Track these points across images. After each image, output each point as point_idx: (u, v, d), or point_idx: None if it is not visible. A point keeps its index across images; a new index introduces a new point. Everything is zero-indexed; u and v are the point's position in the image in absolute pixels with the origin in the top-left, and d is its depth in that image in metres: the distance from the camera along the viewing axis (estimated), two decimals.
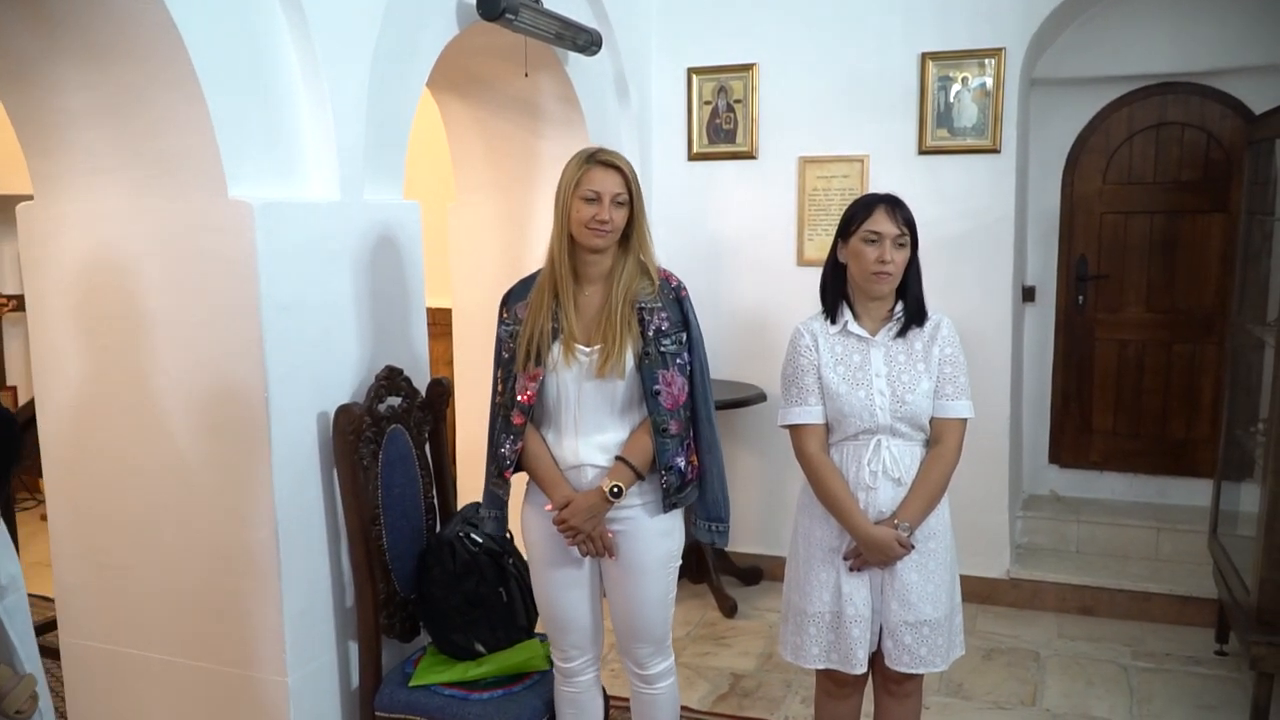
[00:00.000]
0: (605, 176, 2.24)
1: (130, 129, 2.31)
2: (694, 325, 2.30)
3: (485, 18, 3.00)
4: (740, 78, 4.27)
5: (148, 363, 2.42)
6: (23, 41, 2.26)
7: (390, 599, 2.58)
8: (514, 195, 4.15)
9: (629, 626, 2.37)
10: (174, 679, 2.52)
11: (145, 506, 2.47)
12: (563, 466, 2.28)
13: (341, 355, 2.59)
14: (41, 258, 2.51)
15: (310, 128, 2.50)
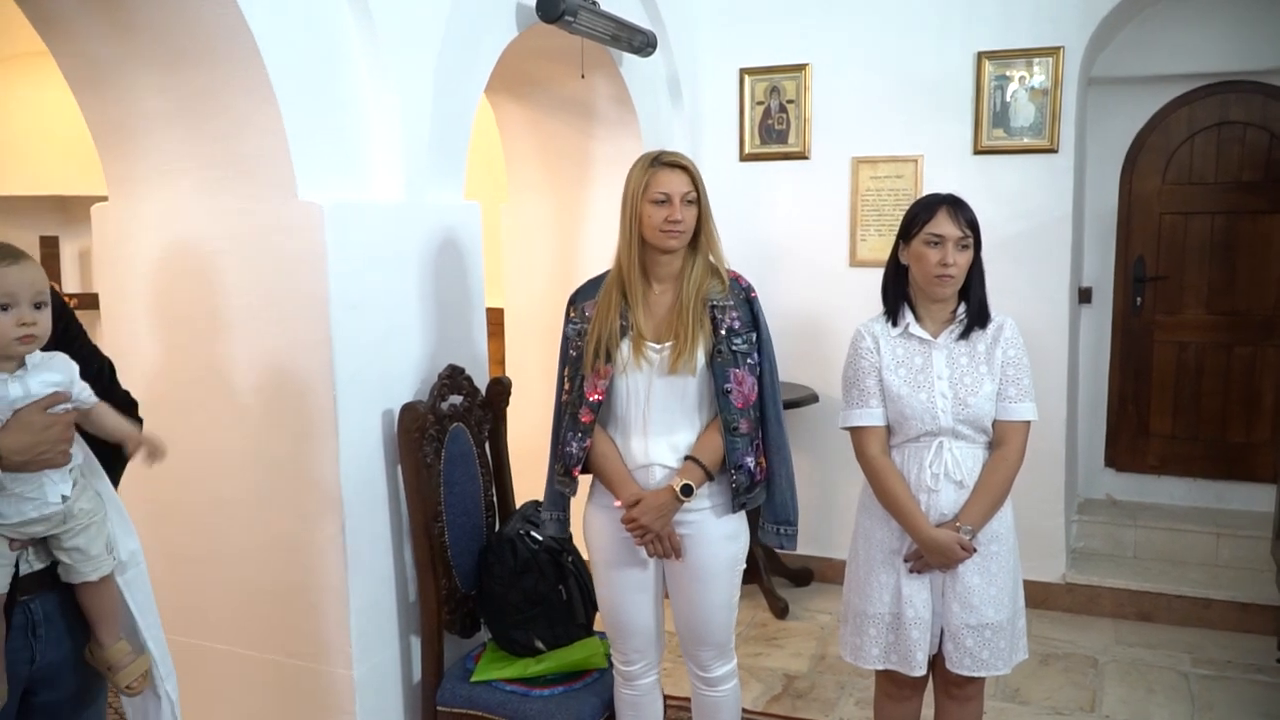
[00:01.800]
0: (673, 177, 2.25)
1: (204, 131, 2.36)
2: (764, 326, 2.30)
3: (545, 20, 3.03)
4: (793, 78, 4.26)
5: (218, 360, 2.47)
6: (101, 47, 2.32)
7: (451, 595, 2.61)
8: (566, 196, 4.19)
9: (692, 630, 2.37)
10: (242, 670, 2.57)
11: (216, 501, 2.53)
12: (631, 466, 2.28)
13: (405, 354, 2.63)
14: (116, 257, 2.57)
15: (377, 130, 2.54)
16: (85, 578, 1.67)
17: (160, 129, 2.40)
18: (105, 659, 1.73)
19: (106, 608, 1.72)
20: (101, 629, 1.72)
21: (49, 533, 1.62)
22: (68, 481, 1.64)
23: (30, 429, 1.55)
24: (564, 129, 4.04)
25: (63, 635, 1.71)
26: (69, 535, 1.64)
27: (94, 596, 1.70)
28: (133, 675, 1.74)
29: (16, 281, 1.54)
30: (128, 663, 1.74)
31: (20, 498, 1.57)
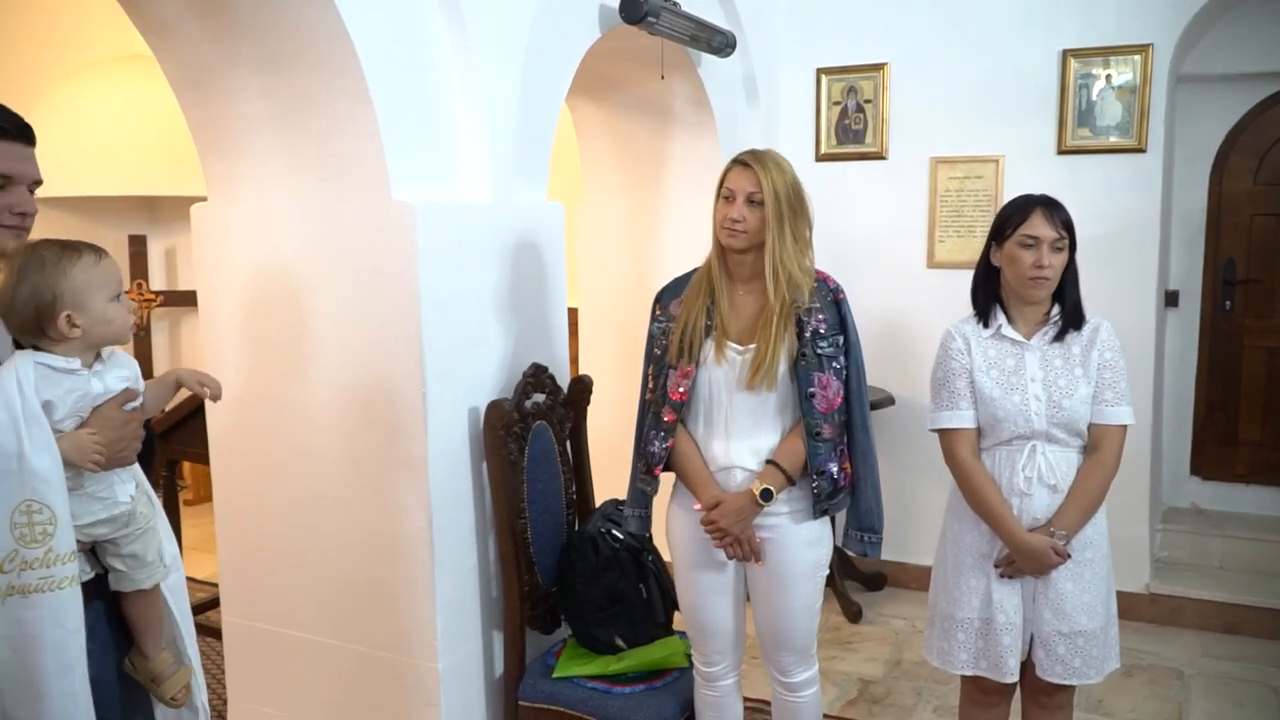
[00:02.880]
0: (740, 175, 2.24)
1: (301, 133, 2.42)
2: (852, 329, 2.27)
3: (628, 21, 3.04)
4: (870, 78, 4.22)
5: (312, 357, 2.53)
6: (204, 51, 2.39)
7: (534, 591, 2.64)
8: (641, 197, 4.20)
9: (773, 635, 2.36)
10: (328, 660, 2.62)
11: (306, 495, 2.59)
12: (712, 467, 2.28)
13: (491, 352, 2.66)
14: (214, 255, 2.65)
15: (466, 131, 2.58)
16: (138, 585, 1.65)
17: (259, 130, 2.46)
18: (149, 670, 1.71)
19: (154, 617, 1.70)
20: (147, 639, 1.70)
21: (111, 535, 1.61)
22: (131, 482, 1.64)
23: (111, 425, 1.56)
24: (640, 130, 4.05)
25: (108, 647, 1.67)
26: (127, 540, 1.63)
27: (142, 605, 1.68)
28: (177, 686, 1.72)
29: (116, 271, 1.58)
30: (171, 674, 1.72)
31: (91, 497, 1.57)
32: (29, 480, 1.42)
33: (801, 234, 2.24)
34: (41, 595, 1.44)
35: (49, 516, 1.44)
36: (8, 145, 1.57)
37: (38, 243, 1.54)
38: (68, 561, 1.46)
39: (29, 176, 1.61)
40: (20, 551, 1.43)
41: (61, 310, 1.50)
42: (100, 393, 1.56)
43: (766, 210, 2.20)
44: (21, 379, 1.46)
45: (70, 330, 1.51)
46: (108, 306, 1.54)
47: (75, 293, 1.51)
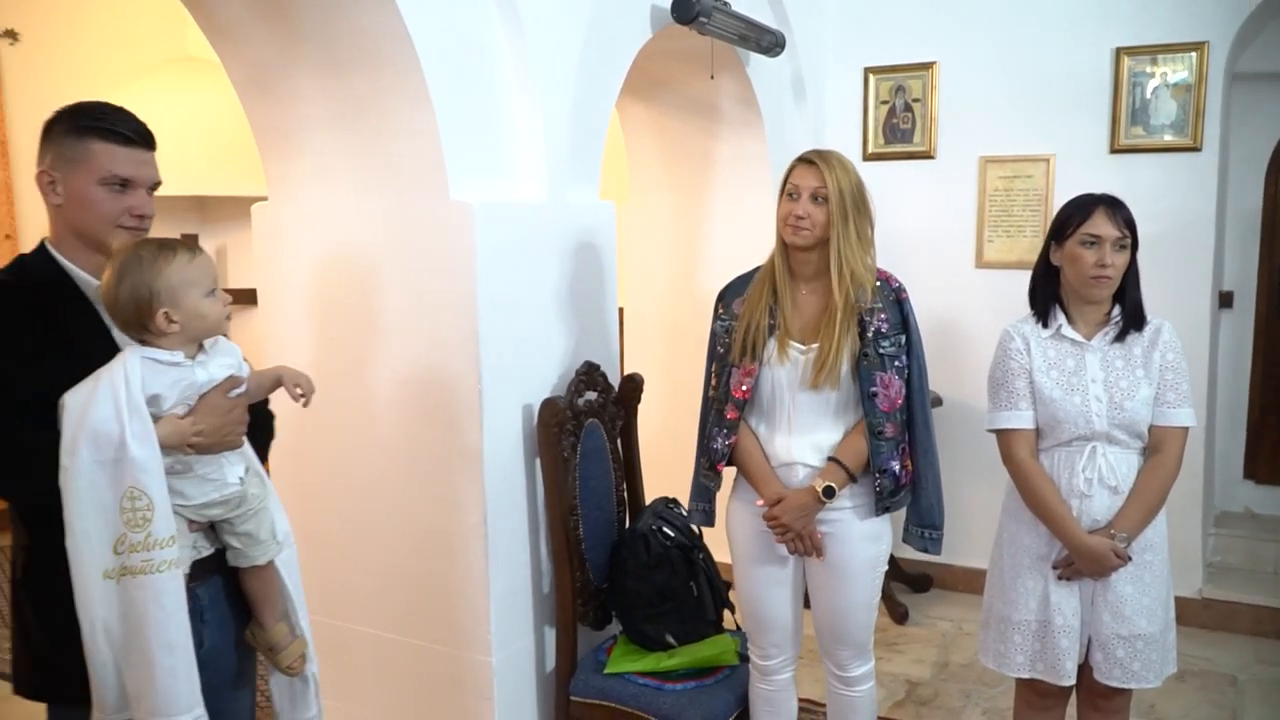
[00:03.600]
0: (804, 173, 2.25)
1: (361, 134, 2.46)
2: (914, 329, 2.28)
3: (680, 21, 3.06)
4: (919, 76, 4.20)
5: (369, 353, 2.56)
6: (267, 53, 2.43)
7: (585, 587, 2.65)
8: (688, 196, 4.21)
9: (831, 629, 2.37)
10: (386, 653, 2.66)
11: (363, 489, 2.62)
12: (774, 463, 2.29)
13: (544, 350, 2.68)
14: (274, 254, 2.69)
15: (521, 131, 2.60)
16: (253, 562, 1.73)
17: (320, 132, 2.50)
18: (267, 640, 1.79)
19: (270, 591, 1.78)
20: (264, 611, 1.78)
21: (225, 516, 1.69)
22: (241, 464, 1.71)
23: (216, 412, 1.63)
24: (688, 130, 4.06)
25: (226, 619, 1.78)
26: (241, 519, 1.70)
27: (258, 580, 1.77)
28: (293, 656, 1.80)
29: (212, 265, 1.64)
30: (287, 644, 1.80)
31: (203, 479, 1.64)
32: (130, 469, 1.50)
33: (865, 232, 2.26)
34: (145, 577, 1.52)
35: (147, 503, 1.51)
36: (129, 150, 1.66)
37: (138, 242, 1.61)
38: (166, 546, 1.53)
39: (149, 180, 1.70)
40: (128, 535, 1.51)
41: (159, 307, 1.57)
42: (205, 381, 1.63)
43: (831, 208, 2.21)
44: (129, 373, 1.53)
45: (168, 325, 1.58)
46: (202, 302, 1.60)
47: (171, 290, 1.57)
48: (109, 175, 1.65)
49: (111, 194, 1.66)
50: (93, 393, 1.52)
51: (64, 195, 1.66)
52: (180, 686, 1.55)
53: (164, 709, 1.54)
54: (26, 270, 1.69)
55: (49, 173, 1.67)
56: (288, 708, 1.87)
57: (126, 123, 1.68)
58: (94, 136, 1.65)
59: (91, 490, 1.50)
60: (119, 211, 1.67)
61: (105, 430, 1.49)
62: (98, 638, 1.54)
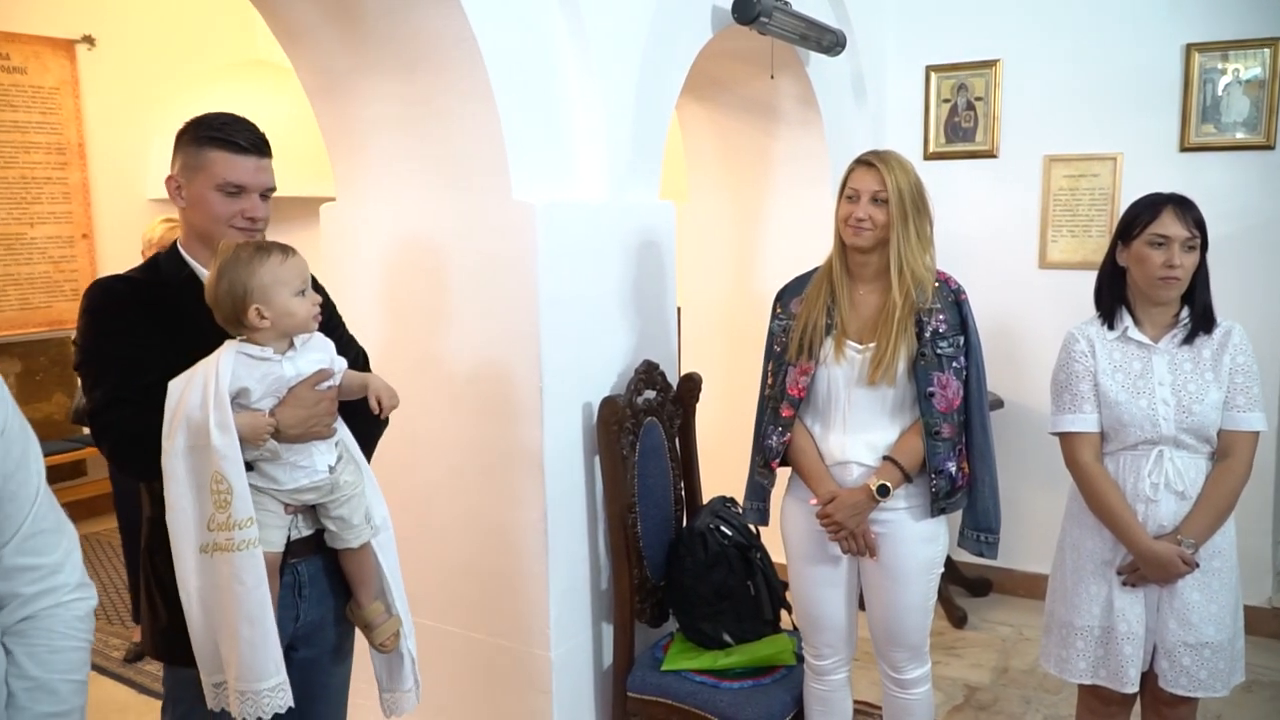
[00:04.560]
0: (864, 175, 2.25)
1: (427, 135, 2.50)
2: (973, 330, 2.26)
3: (740, 21, 3.06)
4: (981, 74, 4.15)
5: (434, 351, 2.61)
6: (338, 58, 2.49)
7: (643, 584, 2.68)
8: (746, 196, 4.21)
9: (886, 630, 2.37)
10: (446, 645, 2.71)
11: (428, 484, 2.67)
12: (828, 462, 2.30)
13: (603, 349, 2.71)
14: (342, 253, 2.75)
15: (583, 132, 2.63)
16: (347, 544, 1.83)
17: (386, 133, 2.56)
18: (364, 618, 1.90)
19: (365, 572, 1.88)
20: (360, 590, 1.88)
21: (318, 501, 1.78)
22: (333, 453, 1.80)
23: (303, 403, 1.72)
24: (747, 129, 4.07)
25: (325, 595, 1.89)
26: (334, 505, 1.79)
27: (354, 561, 1.86)
28: (387, 633, 1.89)
29: (304, 267, 1.72)
30: (382, 622, 1.89)
31: (294, 466, 1.73)
32: (213, 455, 1.61)
33: (924, 232, 2.25)
34: (228, 554, 1.63)
35: (227, 487, 1.62)
36: (243, 158, 1.78)
37: (239, 244, 1.71)
38: (245, 527, 1.63)
39: (261, 185, 1.81)
40: (215, 515, 1.62)
41: (252, 303, 1.66)
42: (292, 376, 1.72)
43: (891, 208, 2.21)
44: (221, 366, 1.64)
45: (259, 321, 1.67)
46: (291, 301, 1.69)
47: (263, 288, 1.66)
48: (223, 181, 1.77)
49: (226, 198, 1.78)
50: (189, 382, 1.64)
51: (187, 199, 1.81)
52: (258, 656, 1.65)
53: (247, 675, 1.65)
54: (159, 268, 1.85)
55: (176, 178, 1.81)
56: (386, 679, 1.97)
57: (243, 132, 1.80)
58: (212, 145, 1.77)
59: (187, 471, 1.63)
60: (232, 214, 1.78)
61: (195, 417, 1.61)
62: (194, 607, 1.67)
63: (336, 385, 1.79)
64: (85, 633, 1.28)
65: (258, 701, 1.65)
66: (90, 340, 1.75)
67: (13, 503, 1.20)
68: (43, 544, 1.24)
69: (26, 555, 1.22)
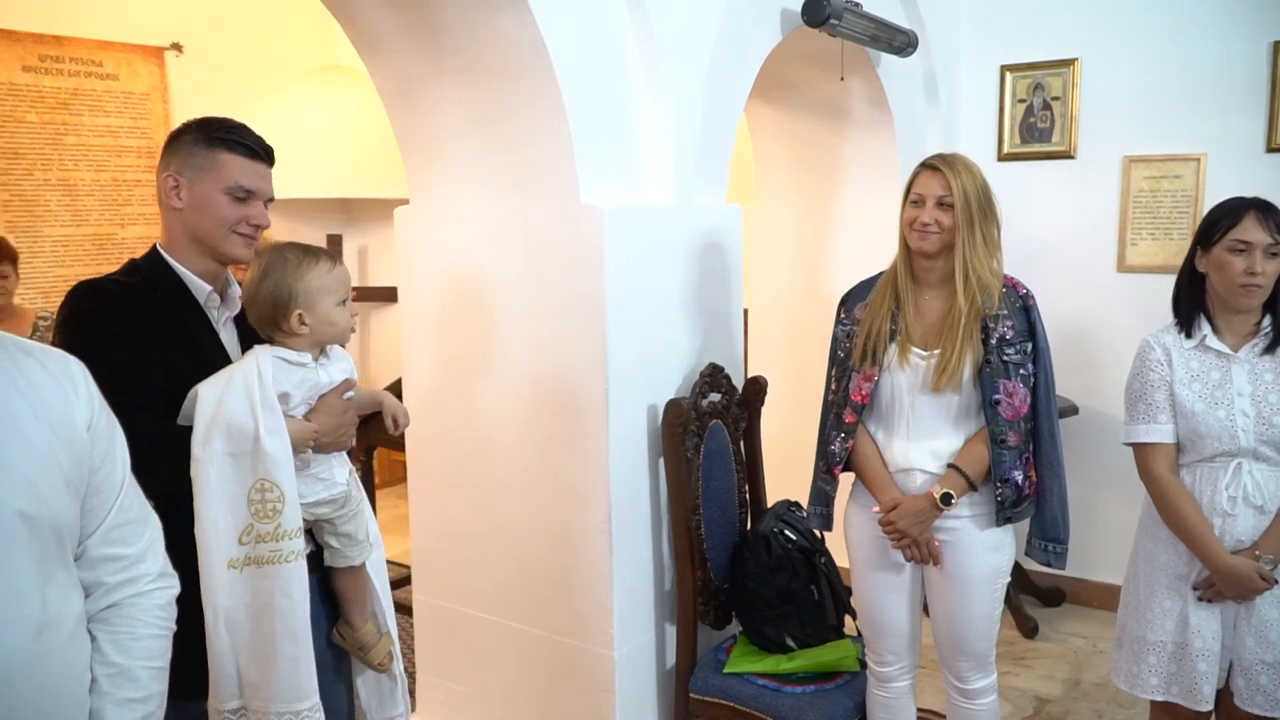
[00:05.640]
0: (929, 179, 2.23)
1: (497, 141, 2.55)
2: (1041, 336, 2.23)
3: (810, 24, 3.05)
4: (1059, 73, 4.06)
5: (501, 351, 2.66)
6: (412, 64, 2.55)
7: (706, 586, 2.69)
8: (815, 198, 4.19)
9: (950, 639, 2.34)
10: (510, 642, 2.75)
11: (492, 483, 2.72)
12: (892, 468, 2.29)
13: (669, 351, 2.73)
14: (414, 255, 2.82)
15: (650, 135, 2.65)
16: (350, 562, 1.80)
17: (459, 138, 2.61)
18: (357, 640, 1.85)
19: (361, 591, 1.84)
20: (353, 611, 1.84)
21: (330, 515, 1.75)
22: (346, 465, 1.79)
23: (334, 412, 1.72)
24: (816, 131, 4.04)
25: (320, 618, 1.81)
26: (344, 520, 1.77)
27: (351, 580, 1.83)
28: (382, 653, 1.86)
29: (347, 277, 1.74)
30: (375, 642, 1.86)
31: (315, 478, 1.72)
32: (263, 461, 1.58)
33: (991, 236, 2.23)
34: (272, 566, 1.60)
35: (279, 495, 1.59)
36: (254, 164, 1.76)
37: (284, 245, 1.71)
38: (294, 537, 1.61)
39: (266, 193, 1.79)
40: (255, 526, 1.59)
41: (295, 309, 1.67)
42: (326, 383, 1.73)
43: (957, 213, 2.19)
44: (261, 370, 1.62)
45: (299, 327, 1.67)
46: (333, 310, 1.70)
47: (308, 294, 1.67)
48: (234, 185, 1.73)
49: (234, 202, 1.73)
50: (227, 387, 1.60)
51: (186, 200, 1.73)
52: (301, 674, 1.62)
53: (286, 695, 1.61)
54: (140, 272, 1.76)
55: (174, 177, 1.74)
56: (375, 706, 1.93)
57: (254, 138, 1.77)
58: (224, 148, 1.73)
59: (221, 480, 1.58)
60: (237, 219, 1.74)
61: (239, 423, 1.57)
62: (219, 626, 1.60)
63: (354, 394, 1.78)
64: (166, 621, 1.33)
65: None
66: (86, 345, 1.55)
67: (98, 496, 1.25)
68: (127, 535, 1.29)
69: (111, 545, 1.27)
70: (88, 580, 1.25)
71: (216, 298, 1.79)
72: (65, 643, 1.17)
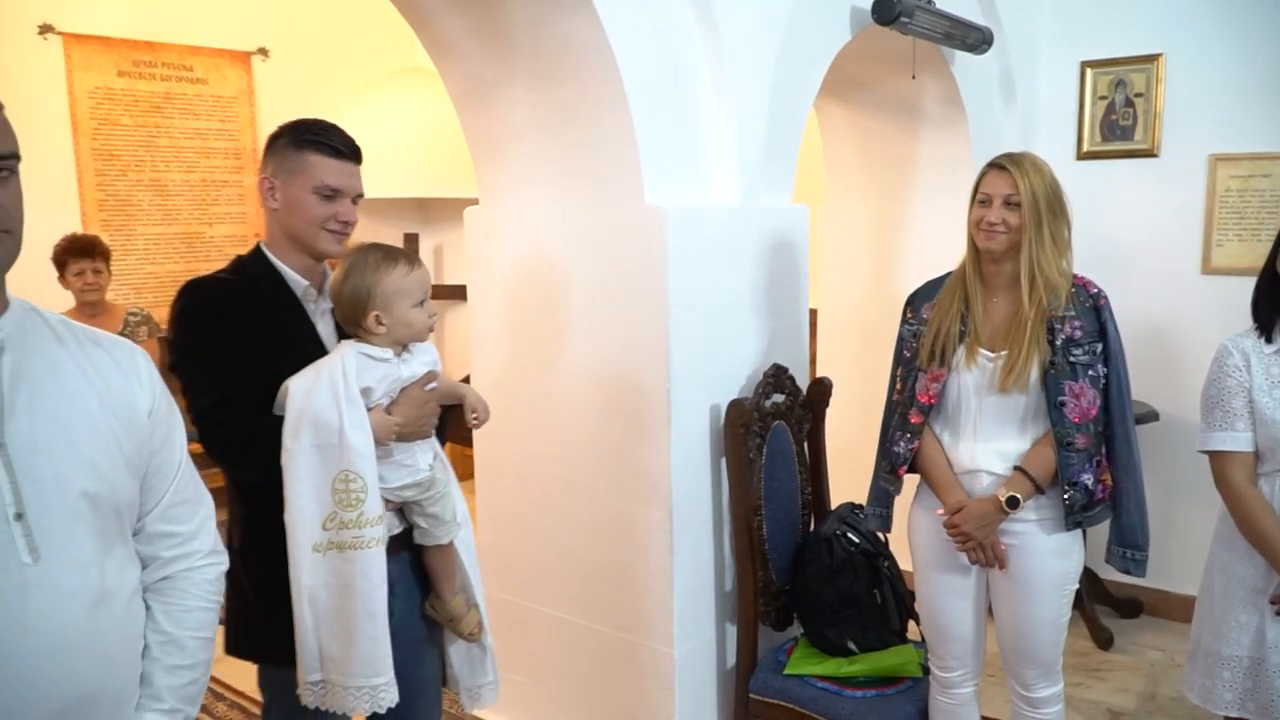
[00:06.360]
0: (996, 179, 2.20)
1: (564, 142, 2.58)
2: (1112, 337, 2.18)
3: (880, 22, 3.02)
4: (1142, 70, 3.95)
5: (566, 349, 2.70)
6: (483, 68, 2.60)
7: (767, 587, 2.68)
8: (886, 198, 4.14)
9: (1015, 645, 2.30)
10: (572, 635, 2.79)
11: (556, 480, 2.76)
12: (957, 470, 2.26)
13: (732, 352, 2.73)
14: (483, 255, 2.87)
15: (715, 136, 2.66)
16: (438, 541, 1.88)
17: (527, 140, 2.65)
18: (447, 611, 1.94)
19: (450, 567, 1.94)
20: (443, 585, 1.93)
21: (417, 497, 1.84)
22: (430, 452, 1.87)
23: (415, 403, 1.79)
24: (888, 130, 4.00)
25: (412, 591, 1.94)
26: (430, 501, 1.85)
27: (440, 557, 1.92)
28: (471, 624, 1.95)
29: (426, 279, 1.80)
30: (464, 614, 1.95)
31: (399, 464, 1.80)
32: (347, 454, 1.67)
33: (1061, 236, 2.19)
34: (354, 552, 1.69)
35: (361, 485, 1.68)
36: (340, 163, 1.85)
37: (368, 246, 1.79)
38: (375, 524, 1.70)
39: (354, 190, 1.88)
40: (338, 513, 1.68)
41: (372, 309, 1.74)
42: (407, 377, 1.80)
43: (1024, 213, 2.15)
44: (345, 366, 1.71)
45: (377, 327, 1.75)
46: (410, 311, 1.77)
47: (385, 296, 1.74)
48: (321, 184, 1.82)
49: (321, 201, 1.83)
50: (315, 382, 1.69)
51: (280, 201, 1.85)
52: (379, 651, 1.71)
53: (363, 671, 1.70)
54: (245, 269, 1.88)
55: (270, 180, 1.85)
56: (466, 674, 2.02)
57: (340, 138, 1.86)
58: (312, 149, 1.83)
59: (308, 470, 1.68)
60: (326, 217, 1.83)
61: (325, 417, 1.67)
62: (304, 604, 1.71)
63: (437, 386, 1.85)
64: (214, 595, 1.42)
65: (374, 696, 1.71)
66: (194, 341, 1.77)
67: (158, 476, 1.35)
68: (182, 513, 1.39)
69: (167, 523, 1.37)
70: (144, 554, 1.35)
71: (313, 291, 1.89)
72: (122, 611, 1.27)
